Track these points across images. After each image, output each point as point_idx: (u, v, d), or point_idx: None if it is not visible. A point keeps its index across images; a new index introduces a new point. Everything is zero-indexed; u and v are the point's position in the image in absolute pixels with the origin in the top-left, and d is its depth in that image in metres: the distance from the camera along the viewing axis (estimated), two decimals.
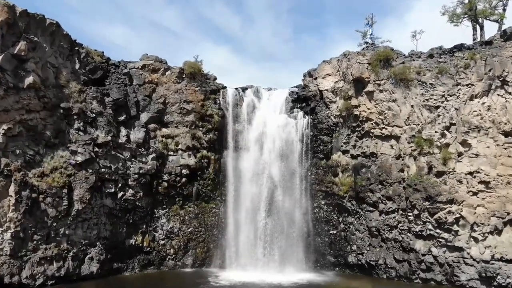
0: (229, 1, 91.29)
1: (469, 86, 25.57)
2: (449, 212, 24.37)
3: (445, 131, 25.66)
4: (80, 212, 23.88)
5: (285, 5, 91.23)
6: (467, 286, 23.38)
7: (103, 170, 25.40)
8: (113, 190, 26.00)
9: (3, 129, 21.48)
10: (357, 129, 28.41)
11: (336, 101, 29.36)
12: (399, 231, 26.01)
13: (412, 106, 26.75)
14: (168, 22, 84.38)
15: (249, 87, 31.48)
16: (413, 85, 26.78)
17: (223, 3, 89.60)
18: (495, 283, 22.83)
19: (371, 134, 27.89)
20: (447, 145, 25.39)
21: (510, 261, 22.92)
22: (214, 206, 29.73)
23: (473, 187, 24.37)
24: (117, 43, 78.18)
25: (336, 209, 28.95)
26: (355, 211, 28.02)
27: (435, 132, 25.79)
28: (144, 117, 28.15)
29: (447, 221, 24.31)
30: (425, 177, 25.39)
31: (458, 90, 25.75)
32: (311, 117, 29.80)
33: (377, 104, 27.56)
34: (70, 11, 75.10)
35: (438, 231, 24.56)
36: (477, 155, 24.62)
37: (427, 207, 24.79)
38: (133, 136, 27.60)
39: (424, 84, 26.61)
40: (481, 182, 24.31)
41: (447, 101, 25.94)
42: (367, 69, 27.91)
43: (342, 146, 29.02)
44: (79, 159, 24.26)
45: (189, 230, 28.82)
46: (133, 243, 26.96)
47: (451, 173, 24.92)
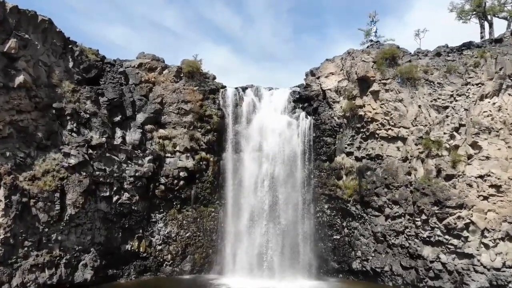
0: (229, 1, 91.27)
1: (479, 85, 24.85)
2: (459, 217, 23.67)
3: (454, 133, 24.91)
4: (73, 217, 23.23)
5: (285, 5, 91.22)
6: None
7: (97, 173, 24.74)
8: (108, 193, 25.36)
9: None
10: (362, 130, 27.65)
11: (339, 101, 28.64)
12: (406, 236, 25.34)
13: (419, 106, 25.97)
14: (168, 22, 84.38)
15: (249, 87, 30.73)
16: (420, 84, 26.03)
17: (223, 3, 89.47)
18: None
19: (376, 135, 27.13)
20: (457, 147, 24.71)
21: None
22: (213, 210, 29.03)
23: (484, 191, 23.73)
24: (117, 43, 78.19)
25: (340, 213, 28.22)
26: (359, 216, 27.25)
27: (444, 133, 25.05)
28: (140, 117, 27.49)
29: (457, 227, 23.61)
30: (434, 180, 24.68)
31: (467, 89, 25.06)
32: (314, 117, 29.10)
33: (383, 104, 26.78)
34: (70, 11, 75.38)
35: (447, 237, 23.88)
36: (487, 158, 23.91)
37: (436, 212, 24.07)
38: (129, 137, 26.91)
39: (431, 83, 25.86)
40: (492, 186, 23.69)
41: (456, 101, 25.20)
42: (372, 67, 27.14)
43: (346, 147, 28.24)
44: (72, 161, 23.57)
45: (187, 235, 28.13)
46: (129, 249, 26.33)
47: (461, 177, 24.24)
